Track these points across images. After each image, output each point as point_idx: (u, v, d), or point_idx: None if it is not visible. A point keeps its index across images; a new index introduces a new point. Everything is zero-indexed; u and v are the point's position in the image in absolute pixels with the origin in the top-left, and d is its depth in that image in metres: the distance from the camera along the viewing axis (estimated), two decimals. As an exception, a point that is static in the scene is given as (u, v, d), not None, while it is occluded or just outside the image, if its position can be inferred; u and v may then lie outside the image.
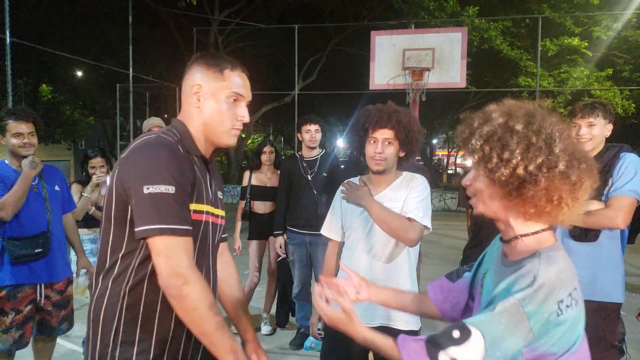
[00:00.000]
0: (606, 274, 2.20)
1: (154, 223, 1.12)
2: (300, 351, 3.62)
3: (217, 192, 1.42)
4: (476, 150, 1.02)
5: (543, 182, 0.96)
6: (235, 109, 1.32)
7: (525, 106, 1.05)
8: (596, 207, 2.16)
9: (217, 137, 1.33)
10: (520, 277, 0.97)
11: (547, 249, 1.03)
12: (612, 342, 2.19)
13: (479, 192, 1.06)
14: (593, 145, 2.25)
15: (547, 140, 0.98)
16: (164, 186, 1.14)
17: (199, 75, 1.30)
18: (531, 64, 12.57)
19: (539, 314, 0.93)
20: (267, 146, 3.99)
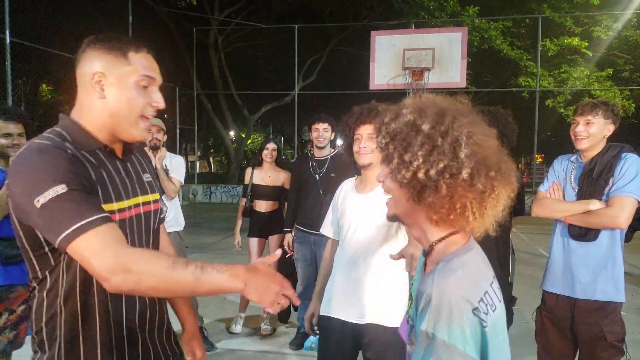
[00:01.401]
0: (606, 274, 2.20)
1: (64, 229, 0.98)
2: (300, 351, 3.62)
3: (143, 177, 1.29)
4: (382, 147, 0.96)
5: (444, 188, 0.88)
6: (147, 94, 1.17)
7: (440, 103, 0.96)
8: (597, 207, 2.16)
9: (125, 131, 1.17)
10: (419, 302, 0.91)
11: (447, 256, 0.94)
12: (612, 342, 2.19)
13: (390, 191, 0.99)
14: (590, 143, 2.25)
15: (453, 144, 0.88)
16: (52, 189, 1.00)
17: (98, 61, 1.13)
18: (531, 64, 12.57)
19: (458, 333, 0.84)
20: (270, 143, 4.00)
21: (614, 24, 12.24)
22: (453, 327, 0.84)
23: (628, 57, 13.26)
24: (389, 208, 1.02)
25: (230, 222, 4.11)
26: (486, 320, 0.87)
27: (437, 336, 0.84)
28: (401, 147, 0.92)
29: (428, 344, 0.86)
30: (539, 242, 7.61)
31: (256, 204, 3.98)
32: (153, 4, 13.29)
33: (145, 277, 0.98)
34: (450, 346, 0.84)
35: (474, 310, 0.86)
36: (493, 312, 0.90)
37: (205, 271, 0.98)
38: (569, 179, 2.33)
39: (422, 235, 0.99)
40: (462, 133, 0.89)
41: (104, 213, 1.03)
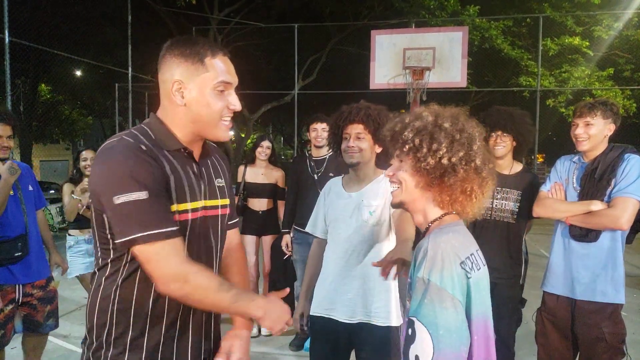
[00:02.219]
0: (607, 275, 2.19)
1: (133, 233, 1.09)
2: (300, 352, 3.61)
3: (215, 181, 1.34)
4: (407, 141, 1.15)
5: (461, 173, 1.11)
6: (224, 98, 1.22)
7: (450, 109, 1.20)
8: (599, 208, 2.14)
9: (210, 133, 1.24)
10: (417, 256, 1.10)
11: (440, 226, 1.15)
12: (613, 343, 2.18)
13: (403, 181, 1.18)
14: (590, 145, 2.23)
15: (468, 138, 1.13)
16: (135, 193, 1.08)
17: (177, 69, 1.19)
18: (532, 64, 12.54)
19: (448, 279, 1.03)
20: (264, 141, 3.98)
21: (615, 23, 12.22)
22: (444, 274, 1.03)
23: (629, 57, 13.23)
24: (396, 197, 1.21)
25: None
26: (471, 274, 1.06)
27: (431, 280, 1.03)
28: (428, 139, 1.13)
29: (423, 289, 1.04)
30: (540, 242, 7.58)
31: (250, 203, 3.96)
32: (152, 3, 13.27)
33: (197, 291, 1.13)
34: (441, 289, 1.02)
35: (462, 263, 1.06)
36: (478, 270, 1.10)
37: (240, 297, 1.16)
38: (571, 180, 2.32)
39: (422, 217, 1.19)
40: (474, 131, 1.16)
41: (176, 226, 1.14)
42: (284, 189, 4.05)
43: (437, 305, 1.01)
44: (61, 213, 9.88)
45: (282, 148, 36.57)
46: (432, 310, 1.00)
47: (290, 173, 3.84)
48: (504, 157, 2.57)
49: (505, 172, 2.60)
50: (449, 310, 1.01)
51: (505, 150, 2.54)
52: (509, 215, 2.55)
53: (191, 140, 1.26)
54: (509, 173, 2.59)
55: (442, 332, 0.99)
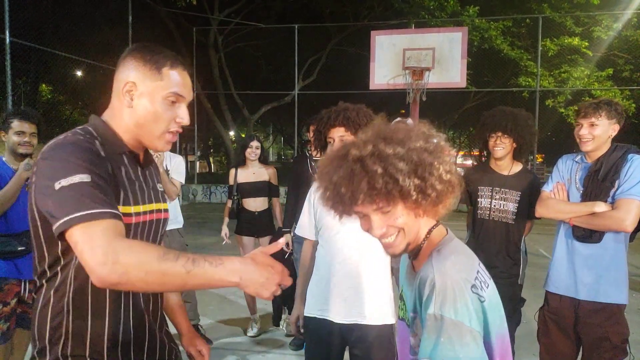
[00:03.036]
0: (610, 275, 2.19)
1: (71, 212, 0.97)
2: (300, 351, 3.61)
3: (158, 186, 1.32)
4: (406, 183, 0.97)
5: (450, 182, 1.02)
6: (173, 110, 1.19)
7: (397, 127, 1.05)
8: (603, 209, 2.14)
9: (149, 141, 1.21)
10: (422, 290, 0.99)
11: (436, 247, 1.05)
12: (616, 343, 2.18)
13: (404, 226, 1.03)
14: (595, 145, 2.22)
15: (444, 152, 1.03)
16: (77, 175, 1.01)
17: (133, 72, 1.16)
18: (531, 64, 12.55)
19: (463, 311, 0.93)
20: (253, 141, 3.98)
21: (614, 23, 12.23)
22: (457, 305, 0.93)
23: (628, 57, 13.25)
24: (400, 244, 1.05)
25: (230, 222, 4.09)
26: (483, 295, 0.98)
27: (445, 316, 0.92)
28: (420, 170, 0.98)
29: (437, 326, 0.93)
30: (540, 242, 7.59)
31: (245, 203, 3.96)
32: (153, 3, 13.27)
33: (133, 269, 0.93)
34: (458, 323, 0.92)
35: (472, 287, 0.96)
36: (487, 289, 1.01)
37: (197, 264, 0.95)
38: (574, 180, 2.31)
39: (414, 240, 1.07)
40: (445, 146, 1.04)
41: (117, 211, 1.03)
42: (277, 186, 4.07)
43: (456, 342, 0.91)
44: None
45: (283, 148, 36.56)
46: (451, 350, 0.91)
47: (291, 173, 3.86)
48: (504, 158, 2.58)
49: (505, 172, 2.60)
50: (470, 345, 0.91)
51: (504, 152, 2.55)
52: (508, 216, 2.55)
53: (135, 144, 1.23)
54: (508, 174, 2.60)
55: None
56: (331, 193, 1.01)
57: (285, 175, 5.75)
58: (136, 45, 1.21)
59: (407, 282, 1.16)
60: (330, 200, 1.02)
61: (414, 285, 1.05)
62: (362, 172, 0.96)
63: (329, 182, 1.01)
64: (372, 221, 1.02)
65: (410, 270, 1.14)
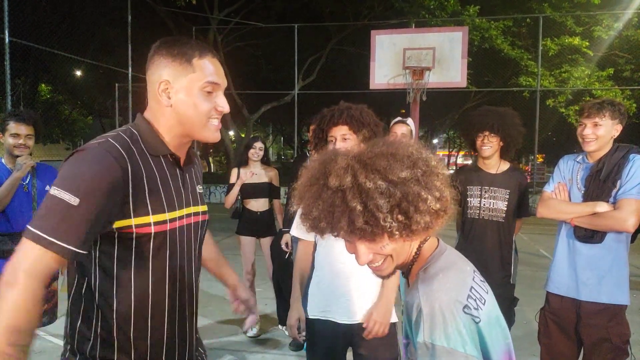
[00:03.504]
0: (611, 276, 2.18)
1: (38, 227, 1.01)
2: (300, 352, 3.60)
3: (197, 188, 1.33)
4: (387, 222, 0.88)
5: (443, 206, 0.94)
6: (211, 99, 1.19)
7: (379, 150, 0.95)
8: (604, 209, 2.13)
9: (198, 134, 1.20)
10: (411, 316, 0.93)
11: (424, 265, 0.98)
12: (618, 344, 2.18)
13: (392, 252, 0.96)
14: (598, 145, 2.22)
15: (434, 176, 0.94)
16: (68, 194, 1.02)
17: (164, 69, 1.16)
18: (532, 64, 12.54)
19: (455, 337, 0.86)
20: (257, 142, 3.98)
21: (615, 23, 12.22)
22: (448, 331, 0.86)
23: (629, 57, 13.24)
24: (387, 269, 0.99)
25: (229, 222, 4.10)
26: (478, 315, 0.90)
27: (436, 344, 0.85)
28: (405, 204, 0.88)
29: (430, 354, 0.86)
30: (540, 242, 7.59)
31: (247, 204, 3.96)
32: (152, 3, 13.26)
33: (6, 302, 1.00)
34: (452, 351, 0.85)
35: (464, 308, 0.88)
36: (484, 306, 0.92)
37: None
38: (575, 180, 2.30)
39: (405, 260, 1.01)
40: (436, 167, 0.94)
41: (74, 247, 1.03)
42: (278, 187, 4.06)
43: None
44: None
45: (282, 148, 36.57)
46: None
47: (291, 173, 3.85)
48: (491, 157, 2.60)
49: (492, 171, 2.62)
50: None
51: (492, 151, 2.56)
52: (498, 214, 2.56)
53: (178, 145, 1.23)
54: (496, 172, 2.61)
55: None
56: (309, 224, 0.94)
57: (285, 175, 5.74)
58: (159, 42, 1.20)
59: (404, 295, 1.12)
60: (310, 228, 0.96)
61: (407, 299, 0.99)
62: (342, 206, 0.89)
63: (307, 211, 0.94)
64: (357, 249, 0.95)
65: (406, 287, 1.08)
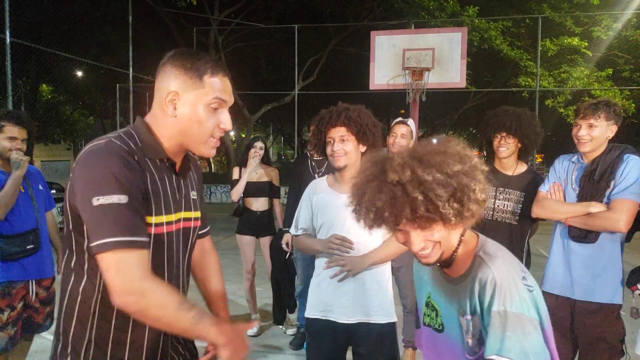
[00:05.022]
0: (606, 275, 2.19)
1: (108, 236, 1.04)
2: (301, 351, 3.62)
3: (191, 194, 1.34)
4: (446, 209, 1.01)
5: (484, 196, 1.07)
6: (216, 116, 1.20)
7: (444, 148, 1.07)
8: (598, 210, 2.14)
9: (195, 148, 1.23)
10: (483, 290, 1.06)
11: (478, 248, 1.14)
12: (612, 343, 2.19)
13: (441, 240, 1.09)
14: (592, 146, 2.22)
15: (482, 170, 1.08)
16: (116, 196, 1.05)
17: (174, 81, 1.17)
18: (531, 64, 12.56)
19: (523, 303, 1.02)
20: (258, 142, 4.00)
21: (614, 23, 12.24)
22: (516, 299, 1.02)
23: (628, 57, 13.25)
24: (435, 255, 1.11)
25: (230, 222, 4.12)
26: (531, 285, 1.07)
27: (508, 310, 1.01)
28: (459, 194, 1.02)
29: (502, 322, 1.01)
30: (539, 242, 7.59)
31: (248, 203, 3.99)
32: (153, 4, 13.29)
33: (154, 307, 1.06)
34: (520, 315, 1.01)
35: (523, 279, 1.06)
36: (529, 277, 1.09)
37: (202, 320, 1.10)
38: (570, 180, 2.31)
39: (447, 248, 1.13)
40: (478, 163, 1.08)
41: (146, 237, 1.10)
42: (278, 187, 4.09)
43: (520, 333, 0.99)
44: (62, 213, 9.89)
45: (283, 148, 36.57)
46: (517, 341, 0.99)
47: (292, 173, 3.87)
48: (508, 158, 2.55)
49: (509, 172, 2.57)
50: (532, 333, 1.00)
51: (508, 152, 2.52)
52: (511, 216, 2.52)
53: (176, 152, 1.24)
54: (512, 174, 2.56)
55: (532, 358, 0.99)
56: (374, 215, 1.05)
57: (285, 175, 5.76)
58: (174, 52, 1.22)
59: (440, 289, 1.21)
60: (371, 221, 1.07)
61: (466, 287, 1.11)
62: (403, 197, 1.01)
63: (369, 203, 1.05)
64: (411, 237, 1.08)
65: (443, 277, 1.20)
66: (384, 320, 1.95)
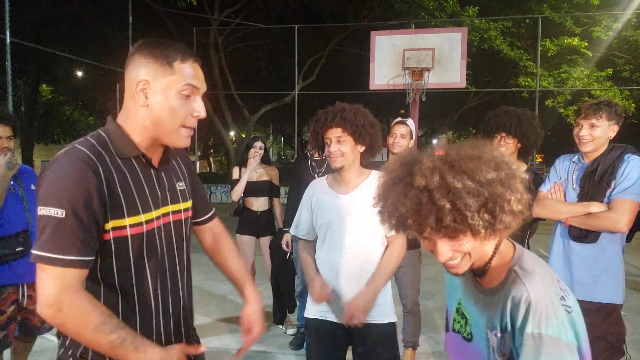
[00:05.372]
0: (607, 275, 2.19)
1: (36, 248, 1.06)
2: (301, 351, 3.62)
3: (177, 185, 1.31)
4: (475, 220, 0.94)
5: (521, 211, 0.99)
6: (189, 104, 1.17)
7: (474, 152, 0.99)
8: (598, 210, 2.14)
9: (168, 139, 1.19)
10: (516, 308, 0.98)
11: (514, 263, 1.05)
12: (613, 343, 2.19)
13: (472, 251, 1.01)
14: (594, 146, 2.22)
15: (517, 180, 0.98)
16: (54, 209, 1.05)
17: (144, 69, 1.14)
18: (531, 64, 12.56)
19: (560, 326, 0.94)
20: (257, 142, 4.00)
21: (614, 24, 12.24)
22: (552, 321, 0.94)
23: (628, 57, 13.26)
24: (464, 266, 1.04)
25: (230, 222, 4.09)
26: (570, 305, 0.99)
27: (543, 333, 0.94)
28: (491, 204, 0.94)
29: (536, 345, 0.94)
30: (539, 242, 7.59)
31: (248, 202, 3.99)
32: (153, 4, 13.29)
33: (70, 324, 1.07)
34: (556, 339, 0.93)
35: (561, 299, 0.98)
36: (569, 296, 1.01)
37: (123, 345, 1.08)
38: (571, 180, 2.31)
39: (480, 258, 1.06)
40: (517, 170, 0.99)
41: (85, 256, 1.08)
42: (278, 186, 4.10)
43: (556, 357, 0.93)
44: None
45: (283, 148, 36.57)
46: None
47: (292, 173, 3.87)
48: None
49: None
50: (569, 357, 0.94)
51: (508, 152, 2.51)
52: None
53: (150, 146, 1.21)
54: None
55: None
56: (396, 221, 0.99)
57: (285, 175, 5.76)
58: (142, 41, 1.19)
59: (471, 298, 1.15)
60: (393, 227, 1.01)
61: (498, 303, 1.04)
62: (429, 204, 0.93)
63: (393, 208, 0.98)
64: (438, 246, 1.00)
65: (475, 287, 1.13)
66: (384, 321, 1.95)
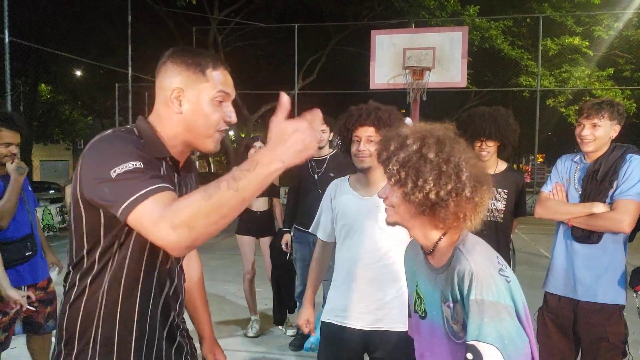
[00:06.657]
0: (609, 276, 2.18)
1: (132, 195, 1.00)
2: (300, 352, 3.61)
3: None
4: (393, 174, 1.15)
5: (452, 205, 1.12)
6: (221, 109, 1.21)
7: (435, 132, 1.17)
8: (601, 210, 2.13)
9: (201, 143, 1.22)
10: (462, 280, 1.13)
11: (459, 243, 1.19)
12: (615, 343, 2.18)
13: (395, 206, 1.19)
14: (596, 146, 2.21)
15: (455, 169, 1.12)
16: (131, 162, 1.04)
17: (177, 77, 1.18)
18: (532, 64, 12.56)
19: (498, 292, 1.09)
20: (257, 141, 3.98)
21: (615, 23, 12.24)
22: (492, 288, 1.09)
23: (629, 57, 13.26)
24: (390, 217, 1.23)
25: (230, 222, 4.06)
26: (508, 276, 1.14)
27: (485, 299, 1.08)
28: (413, 173, 1.12)
29: (480, 310, 1.08)
30: (540, 242, 7.60)
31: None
32: (152, 3, 13.28)
33: (193, 221, 0.96)
34: (495, 303, 1.08)
35: (500, 271, 1.13)
36: (507, 269, 1.17)
37: (238, 179, 0.97)
38: (573, 180, 2.30)
39: (422, 236, 1.22)
40: (462, 159, 1.13)
41: (166, 183, 1.06)
42: (278, 186, 4.08)
43: (495, 320, 1.07)
44: (61, 213, 9.88)
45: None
46: (493, 327, 1.07)
47: (291, 173, 3.85)
48: (489, 159, 2.58)
49: (490, 171, 2.58)
50: (507, 319, 1.08)
51: (489, 155, 2.53)
52: (497, 215, 2.55)
53: (179, 151, 1.25)
54: (494, 172, 2.59)
55: (507, 342, 1.07)
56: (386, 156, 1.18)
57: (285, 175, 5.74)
58: (173, 50, 1.23)
59: (425, 278, 1.29)
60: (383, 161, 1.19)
61: (447, 277, 1.18)
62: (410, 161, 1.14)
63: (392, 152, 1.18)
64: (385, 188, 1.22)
65: (428, 267, 1.27)
66: (401, 328, 1.86)
